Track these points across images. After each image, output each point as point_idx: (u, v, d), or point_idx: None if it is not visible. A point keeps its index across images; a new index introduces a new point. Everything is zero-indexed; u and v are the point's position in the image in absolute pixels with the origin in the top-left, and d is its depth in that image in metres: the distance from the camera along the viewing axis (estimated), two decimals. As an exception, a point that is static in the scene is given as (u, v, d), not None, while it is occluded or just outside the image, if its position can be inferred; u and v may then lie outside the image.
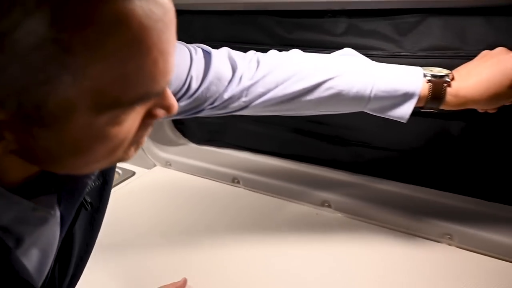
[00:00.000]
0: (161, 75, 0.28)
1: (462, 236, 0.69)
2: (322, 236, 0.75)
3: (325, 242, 0.74)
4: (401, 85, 0.52)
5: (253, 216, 0.83)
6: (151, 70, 0.27)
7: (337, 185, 0.84)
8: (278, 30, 0.77)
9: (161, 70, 0.27)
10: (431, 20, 0.62)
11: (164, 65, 0.28)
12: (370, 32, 0.68)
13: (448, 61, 0.62)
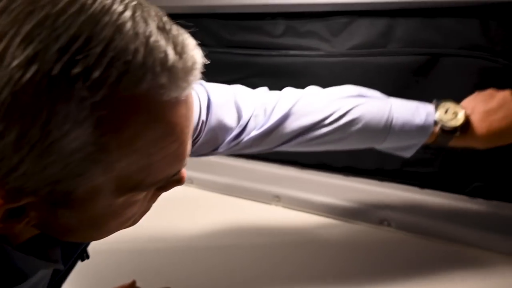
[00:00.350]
0: (181, 161, 0.30)
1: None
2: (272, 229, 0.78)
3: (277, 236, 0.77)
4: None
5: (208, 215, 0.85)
6: (173, 158, 0.29)
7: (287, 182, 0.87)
8: (222, 32, 0.79)
9: (181, 157, 0.30)
10: (360, 21, 0.67)
11: (184, 151, 0.30)
12: (306, 33, 0.71)
13: (373, 58, 0.67)
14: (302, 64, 0.74)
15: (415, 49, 0.65)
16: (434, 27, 0.62)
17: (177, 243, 0.76)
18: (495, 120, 0.52)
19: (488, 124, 0.52)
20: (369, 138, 0.55)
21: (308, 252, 0.72)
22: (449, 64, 0.64)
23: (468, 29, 0.60)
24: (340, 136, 0.54)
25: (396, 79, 0.68)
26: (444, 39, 0.63)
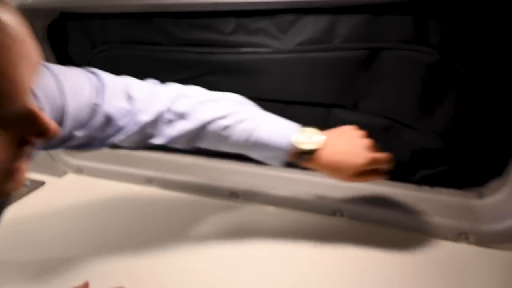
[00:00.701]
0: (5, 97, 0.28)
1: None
2: (238, 228, 0.79)
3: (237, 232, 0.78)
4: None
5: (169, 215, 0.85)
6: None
7: (246, 177, 0.89)
8: (174, 30, 0.80)
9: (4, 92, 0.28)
10: (305, 18, 0.69)
11: (8, 87, 0.28)
12: (256, 30, 0.73)
13: (319, 54, 0.69)
14: (253, 61, 0.75)
15: (357, 44, 0.67)
16: (374, 22, 0.65)
17: (136, 244, 0.76)
18: (342, 153, 0.60)
19: (332, 156, 0.60)
20: (235, 148, 0.62)
21: (265, 245, 0.73)
22: (389, 58, 0.67)
23: (406, 23, 0.64)
24: (214, 140, 0.62)
25: (341, 73, 0.71)
26: (383, 33, 0.65)
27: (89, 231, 0.81)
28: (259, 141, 0.59)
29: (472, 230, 0.69)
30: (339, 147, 0.59)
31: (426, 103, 0.68)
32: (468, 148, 0.69)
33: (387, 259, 0.68)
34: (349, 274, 0.65)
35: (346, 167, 0.59)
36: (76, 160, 1.03)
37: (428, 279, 0.63)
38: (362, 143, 0.60)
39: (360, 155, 0.59)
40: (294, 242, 0.73)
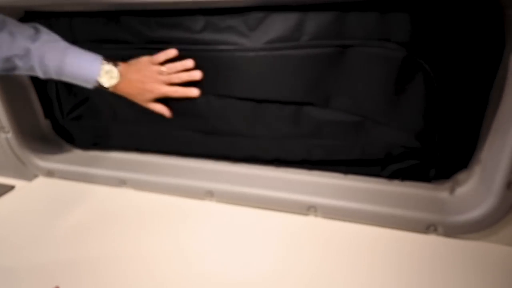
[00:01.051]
0: None
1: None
2: (207, 225, 0.79)
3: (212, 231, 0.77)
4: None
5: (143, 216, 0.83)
6: None
7: (221, 176, 0.88)
8: (142, 29, 0.78)
9: None
10: (274, 16, 0.69)
11: None
12: (225, 28, 0.72)
13: (288, 52, 0.70)
14: (223, 58, 0.75)
15: (325, 42, 0.68)
16: (342, 20, 0.66)
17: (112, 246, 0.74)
18: (132, 87, 0.76)
19: (127, 88, 0.76)
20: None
21: (243, 244, 0.73)
22: (357, 55, 0.67)
23: (372, 21, 0.65)
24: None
25: (310, 71, 0.71)
26: (351, 31, 0.66)
27: (61, 235, 0.79)
28: (69, 76, 0.74)
29: (441, 222, 0.71)
30: (133, 82, 0.75)
31: (395, 99, 0.69)
32: (436, 142, 0.70)
33: (358, 253, 0.69)
34: (323, 270, 0.66)
35: (140, 97, 0.77)
36: (46, 163, 1.00)
37: (399, 271, 0.65)
38: (154, 77, 0.75)
39: (152, 89, 0.76)
40: (269, 240, 0.74)
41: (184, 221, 0.81)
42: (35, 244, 0.77)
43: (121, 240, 0.76)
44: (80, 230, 0.80)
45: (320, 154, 0.81)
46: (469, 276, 0.63)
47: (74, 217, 0.85)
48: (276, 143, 0.83)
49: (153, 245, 0.74)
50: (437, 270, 0.65)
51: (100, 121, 0.96)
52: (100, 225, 0.81)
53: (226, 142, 0.87)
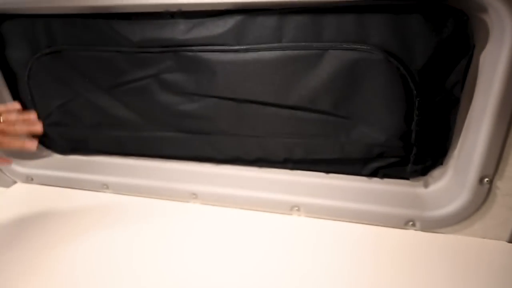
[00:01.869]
0: None
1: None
2: (191, 227, 0.79)
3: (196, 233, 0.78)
4: None
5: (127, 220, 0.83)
6: None
7: (205, 177, 0.88)
8: (125, 31, 0.78)
9: None
10: (254, 18, 0.70)
11: None
12: (207, 30, 0.73)
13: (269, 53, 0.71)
14: (204, 59, 0.75)
15: (304, 44, 0.69)
16: (319, 22, 0.67)
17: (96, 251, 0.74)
18: None
19: None
20: None
21: (228, 245, 0.74)
22: (335, 57, 0.69)
23: (348, 24, 0.66)
24: None
25: (290, 72, 0.72)
26: (329, 33, 0.68)
27: (42, 241, 0.77)
28: None
29: (419, 217, 0.73)
30: None
31: (374, 100, 0.71)
32: (413, 141, 0.73)
33: (341, 250, 0.71)
34: (308, 268, 0.67)
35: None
36: (24, 169, 0.98)
37: (381, 266, 0.67)
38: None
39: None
40: (255, 240, 0.75)
41: (169, 223, 0.81)
42: (13, 252, 0.75)
43: (106, 244, 0.75)
44: (63, 235, 0.79)
45: (301, 153, 0.83)
46: (447, 267, 0.66)
47: (57, 222, 0.83)
48: (258, 143, 0.84)
49: (138, 248, 0.74)
50: (417, 263, 0.67)
51: (79, 126, 0.94)
52: (83, 230, 0.80)
53: (209, 142, 0.87)
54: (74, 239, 0.77)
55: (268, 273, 0.67)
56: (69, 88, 0.89)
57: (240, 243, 0.74)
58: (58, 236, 0.78)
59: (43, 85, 0.90)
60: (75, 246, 0.75)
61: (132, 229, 0.79)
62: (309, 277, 0.65)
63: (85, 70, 0.85)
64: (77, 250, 0.74)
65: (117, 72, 0.83)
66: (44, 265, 0.70)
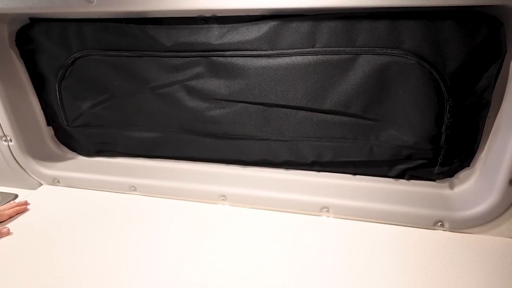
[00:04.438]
0: None
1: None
2: (221, 228, 0.80)
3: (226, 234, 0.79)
4: None
5: (156, 221, 0.84)
6: None
7: (233, 179, 0.90)
8: (157, 36, 0.79)
9: None
10: (288, 24, 0.71)
11: None
12: (241, 35, 0.74)
13: (302, 58, 0.73)
14: (237, 65, 0.77)
15: (338, 49, 0.71)
16: (353, 28, 0.69)
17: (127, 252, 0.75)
18: None
19: None
20: None
21: (255, 246, 0.75)
22: (368, 62, 0.71)
23: (382, 29, 0.68)
24: None
25: (323, 76, 0.74)
26: (362, 39, 0.69)
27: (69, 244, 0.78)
28: None
29: (447, 218, 0.75)
30: None
31: (405, 104, 0.73)
32: (441, 143, 0.75)
33: (371, 250, 0.72)
34: (338, 268, 0.69)
35: None
36: (51, 171, 0.99)
37: (410, 265, 0.68)
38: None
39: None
40: (284, 240, 0.76)
41: (198, 224, 0.82)
42: (43, 253, 0.76)
43: (136, 245, 0.76)
44: (92, 237, 0.80)
45: (330, 156, 0.84)
46: (475, 266, 0.68)
47: (87, 224, 0.84)
48: (287, 146, 0.86)
49: (168, 249, 0.75)
50: (446, 263, 0.69)
51: (107, 128, 0.95)
52: (112, 231, 0.81)
53: (237, 146, 0.88)
54: (104, 241, 0.78)
55: (298, 273, 0.68)
56: (99, 91, 0.90)
57: (270, 243, 0.75)
58: (88, 238, 0.80)
59: (73, 88, 0.91)
60: (105, 247, 0.76)
61: (161, 230, 0.80)
62: (339, 276, 0.67)
63: (115, 73, 0.86)
64: (106, 252, 0.75)
65: (148, 76, 0.84)
66: (73, 267, 0.71)
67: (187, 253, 0.74)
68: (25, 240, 0.81)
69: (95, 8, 0.74)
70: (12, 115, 0.92)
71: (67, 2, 0.74)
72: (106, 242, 0.78)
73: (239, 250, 0.74)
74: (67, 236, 0.81)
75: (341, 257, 0.71)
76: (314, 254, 0.72)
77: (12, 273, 0.71)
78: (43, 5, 0.76)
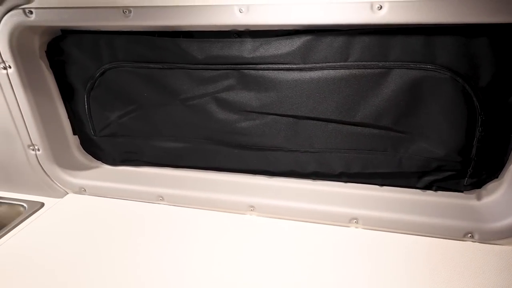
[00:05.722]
0: None
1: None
2: (249, 238, 0.81)
3: (254, 245, 0.80)
4: None
5: (183, 231, 0.85)
6: None
7: (261, 190, 0.91)
8: (189, 49, 0.80)
9: None
10: (322, 39, 0.73)
11: None
12: (273, 49, 0.76)
13: (335, 72, 0.74)
14: (271, 78, 0.78)
15: (371, 63, 0.72)
16: (386, 43, 0.70)
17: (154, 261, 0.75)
18: None
19: None
20: None
21: (284, 256, 0.76)
22: (401, 75, 0.72)
23: (416, 44, 0.69)
24: None
25: (356, 89, 0.75)
26: (395, 53, 0.71)
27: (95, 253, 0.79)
28: None
29: (477, 229, 0.76)
30: None
31: (436, 117, 0.74)
32: (472, 155, 0.76)
33: (401, 261, 0.73)
34: (368, 279, 0.69)
35: None
36: (77, 180, 1.00)
37: (441, 276, 0.69)
38: None
39: None
40: (313, 251, 0.77)
41: (227, 234, 0.83)
42: (71, 262, 0.77)
43: (164, 255, 0.77)
44: (119, 245, 0.81)
45: (358, 167, 0.85)
46: (506, 277, 0.69)
47: (115, 232, 0.85)
48: (315, 157, 0.87)
49: (196, 258, 0.76)
50: (476, 274, 0.70)
51: (134, 138, 0.96)
52: (139, 240, 0.82)
53: (265, 157, 0.89)
54: (130, 250, 0.79)
55: (327, 284, 0.69)
56: (128, 102, 0.91)
57: (300, 254, 0.76)
58: (115, 247, 0.80)
59: (102, 98, 0.92)
60: (131, 256, 0.77)
61: (189, 240, 0.81)
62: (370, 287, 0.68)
63: (145, 84, 0.87)
64: (132, 262, 0.76)
65: (178, 88, 0.85)
66: (99, 276, 0.72)
67: (216, 264, 0.74)
68: (51, 248, 0.81)
69: (131, 22, 0.75)
70: (40, 124, 0.93)
71: (104, 15, 0.76)
72: (132, 251, 0.79)
73: (268, 261, 0.75)
74: (93, 244, 0.82)
75: (371, 268, 0.72)
76: (344, 265, 0.73)
77: (37, 282, 0.71)
78: (79, 18, 0.77)
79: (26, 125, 0.92)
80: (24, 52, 0.86)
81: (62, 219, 0.92)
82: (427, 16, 0.63)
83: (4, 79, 0.87)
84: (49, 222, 0.91)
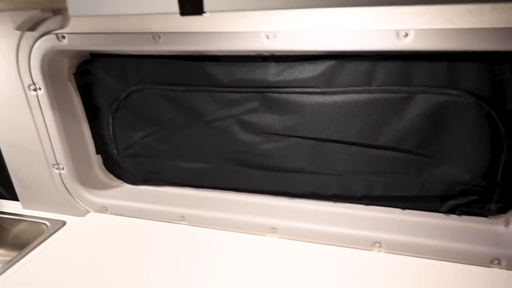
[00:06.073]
0: None
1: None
2: (270, 260, 0.81)
3: (275, 267, 0.79)
4: None
5: (203, 252, 0.85)
6: None
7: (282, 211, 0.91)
8: (214, 73, 0.82)
9: None
10: (345, 63, 0.74)
11: None
12: (297, 73, 0.77)
13: (358, 96, 0.75)
14: (295, 101, 0.79)
15: (395, 88, 0.73)
16: (410, 68, 0.71)
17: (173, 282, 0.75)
18: None
19: None
20: None
21: (306, 279, 0.75)
22: (424, 101, 0.73)
23: (440, 69, 0.70)
24: None
25: (379, 113, 0.76)
26: (419, 78, 0.72)
27: (116, 273, 0.79)
28: None
29: (504, 256, 0.75)
30: None
31: (461, 141, 0.74)
32: (498, 180, 0.75)
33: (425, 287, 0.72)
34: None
35: None
36: (99, 199, 1.01)
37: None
38: None
39: None
40: (335, 275, 0.76)
41: (248, 256, 0.82)
42: (92, 281, 0.77)
43: (185, 276, 0.77)
44: (141, 265, 0.81)
45: (380, 190, 0.85)
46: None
47: (133, 252, 0.85)
48: (336, 180, 0.87)
49: (218, 280, 0.75)
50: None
51: (156, 158, 0.98)
52: (160, 260, 0.82)
53: (286, 178, 0.90)
54: (151, 269, 0.79)
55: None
56: (152, 123, 0.93)
57: (322, 278, 0.75)
58: (137, 266, 0.81)
59: (126, 119, 0.94)
60: (152, 276, 0.77)
61: (210, 261, 0.81)
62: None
63: (169, 106, 0.89)
64: (153, 282, 0.76)
65: (202, 110, 0.87)
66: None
67: (237, 285, 0.74)
68: (72, 266, 0.82)
69: (160, 47, 0.78)
70: (66, 144, 0.95)
71: (133, 40, 0.78)
72: (153, 271, 0.79)
73: (289, 283, 0.74)
74: (114, 263, 0.82)
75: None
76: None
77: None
78: (109, 43, 0.80)
79: (52, 144, 0.94)
80: (54, 74, 0.89)
81: (84, 238, 0.93)
82: (452, 44, 0.64)
83: (34, 100, 0.90)
84: (71, 241, 0.92)
